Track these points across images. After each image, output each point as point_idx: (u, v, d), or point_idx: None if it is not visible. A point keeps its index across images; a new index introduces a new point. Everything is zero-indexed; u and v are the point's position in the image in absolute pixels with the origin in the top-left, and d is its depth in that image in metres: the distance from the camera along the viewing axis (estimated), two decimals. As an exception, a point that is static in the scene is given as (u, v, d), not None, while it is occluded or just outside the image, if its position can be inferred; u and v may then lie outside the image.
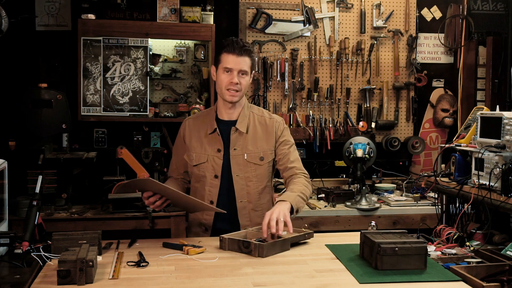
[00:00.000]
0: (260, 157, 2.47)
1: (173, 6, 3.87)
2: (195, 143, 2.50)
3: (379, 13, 4.30)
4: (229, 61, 2.38)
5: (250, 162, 2.46)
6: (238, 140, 2.46)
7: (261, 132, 2.50)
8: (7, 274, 1.87)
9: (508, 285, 1.84)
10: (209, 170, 2.46)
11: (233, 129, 2.46)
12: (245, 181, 2.46)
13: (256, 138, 2.48)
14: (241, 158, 2.45)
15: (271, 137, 2.50)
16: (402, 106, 4.38)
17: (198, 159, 2.48)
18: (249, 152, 2.46)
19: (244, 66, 2.40)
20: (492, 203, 2.33)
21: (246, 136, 2.47)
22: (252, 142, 2.47)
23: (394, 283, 1.81)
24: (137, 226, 3.50)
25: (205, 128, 2.50)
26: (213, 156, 2.46)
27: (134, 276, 1.84)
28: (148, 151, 3.87)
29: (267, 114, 2.56)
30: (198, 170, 2.48)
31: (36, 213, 2.13)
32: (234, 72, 2.38)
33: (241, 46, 2.39)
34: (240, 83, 2.39)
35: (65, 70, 3.95)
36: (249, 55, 2.41)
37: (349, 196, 3.78)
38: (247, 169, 2.46)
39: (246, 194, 2.46)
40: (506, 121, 2.37)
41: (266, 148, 2.49)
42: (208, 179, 2.46)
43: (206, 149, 2.47)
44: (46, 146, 3.57)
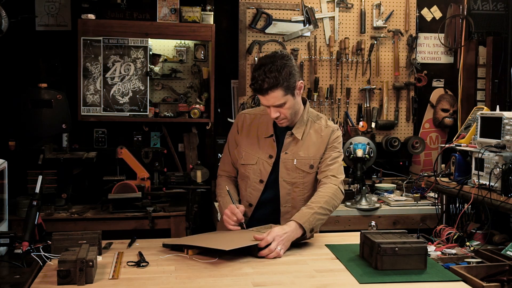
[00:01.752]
0: (310, 165, 2.37)
1: (173, 6, 3.87)
2: (248, 142, 2.41)
3: (379, 13, 4.30)
4: (262, 100, 2.27)
5: (299, 169, 2.35)
6: (290, 145, 2.36)
7: (315, 139, 2.39)
8: (7, 274, 1.87)
9: (508, 285, 1.84)
10: (255, 173, 2.37)
11: (288, 133, 2.36)
12: (292, 187, 2.37)
13: (309, 145, 2.37)
14: (290, 163, 2.35)
15: (322, 145, 2.39)
16: (402, 106, 4.38)
17: (247, 159, 2.39)
18: (300, 158, 2.35)
19: (276, 101, 2.23)
20: (492, 203, 2.33)
21: (300, 142, 2.36)
22: (304, 149, 2.36)
23: (394, 283, 1.81)
24: (137, 226, 3.50)
25: (262, 129, 2.40)
26: (263, 161, 2.37)
27: (134, 276, 1.84)
28: (148, 151, 3.88)
29: (324, 122, 2.43)
30: (244, 170, 2.41)
31: (36, 213, 2.13)
32: (271, 108, 2.26)
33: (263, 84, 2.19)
34: (281, 113, 2.26)
35: (65, 70, 3.95)
36: (276, 87, 2.20)
37: (349, 196, 3.78)
38: (295, 175, 2.36)
39: (291, 199, 2.38)
40: (506, 121, 2.37)
41: (317, 156, 2.38)
42: (252, 182, 2.38)
43: (258, 151, 2.38)
44: (46, 146, 3.57)
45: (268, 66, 2.20)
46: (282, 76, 2.20)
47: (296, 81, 2.25)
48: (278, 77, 2.19)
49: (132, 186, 3.57)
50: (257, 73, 2.21)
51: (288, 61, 2.24)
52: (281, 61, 2.22)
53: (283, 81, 2.20)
